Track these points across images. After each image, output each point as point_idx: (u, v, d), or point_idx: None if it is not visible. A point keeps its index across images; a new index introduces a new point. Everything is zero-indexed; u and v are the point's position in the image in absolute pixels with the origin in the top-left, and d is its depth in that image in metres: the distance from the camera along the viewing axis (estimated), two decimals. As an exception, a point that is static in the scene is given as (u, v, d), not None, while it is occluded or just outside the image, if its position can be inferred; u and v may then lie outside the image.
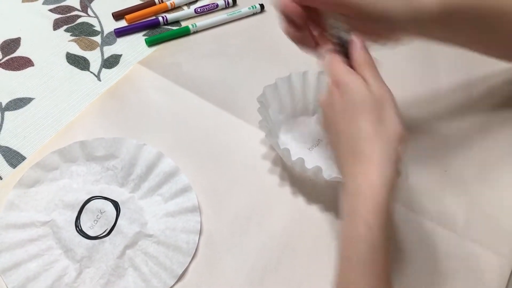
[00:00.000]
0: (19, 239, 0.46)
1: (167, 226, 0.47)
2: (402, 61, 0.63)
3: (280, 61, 0.63)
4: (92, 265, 0.45)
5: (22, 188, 0.49)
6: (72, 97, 0.58)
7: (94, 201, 0.48)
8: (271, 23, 0.67)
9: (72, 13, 0.68)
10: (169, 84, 0.59)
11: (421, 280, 0.46)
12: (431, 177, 0.53)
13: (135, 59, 0.62)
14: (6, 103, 0.58)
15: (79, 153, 0.51)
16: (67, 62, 0.62)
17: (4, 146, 0.54)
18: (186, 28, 0.65)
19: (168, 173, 0.50)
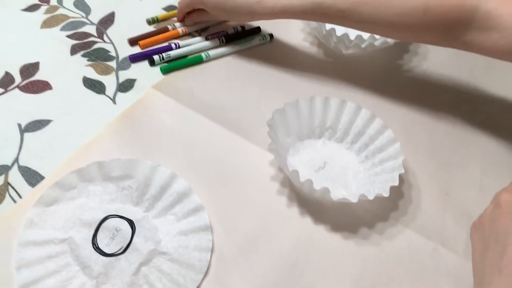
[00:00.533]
0: (38, 255, 0.48)
1: (180, 244, 0.49)
2: (404, 88, 0.66)
3: (288, 87, 0.65)
4: (108, 281, 0.46)
5: (41, 206, 0.51)
6: (89, 119, 0.61)
7: (110, 219, 0.50)
8: (280, 52, 0.71)
9: (88, 39, 0.71)
10: (181, 108, 0.62)
11: (425, 299, 0.47)
12: (433, 200, 0.55)
13: (149, 83, 0.65)
14: (25, 124, 0.60)
15: (96, 173, 0.53)
16: (84, 86, 0.65)
17: (23, 166, 0.56)
18: (199, 57, 0.68)
19: (181, 193, 0.52)
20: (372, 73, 0.68)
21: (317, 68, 0.68)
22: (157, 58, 0.67)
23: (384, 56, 0.69)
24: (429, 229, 0.52)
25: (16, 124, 0.60)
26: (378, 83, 0.66)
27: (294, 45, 0.71)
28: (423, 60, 0.70)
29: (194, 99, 0.63)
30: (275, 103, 0.58)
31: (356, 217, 0.53)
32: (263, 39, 0.71)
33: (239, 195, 0.54)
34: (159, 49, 0.69)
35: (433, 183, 0.56)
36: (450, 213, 0.54)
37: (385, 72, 0.68)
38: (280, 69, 0.68)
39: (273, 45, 0.71)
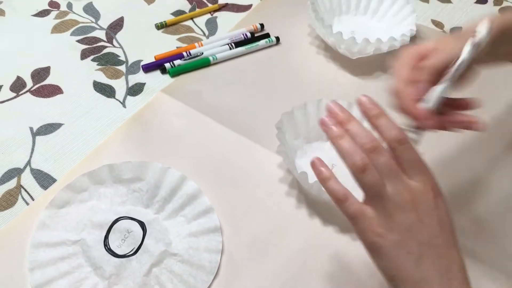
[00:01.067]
0: (50, 257, 0.48)
1: (190, 246, 0.50)
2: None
3: (295, 90, 0.66)
4: (120, 282, 0.47)
5: (53, 208, 0.52)
6: (99, 122, 0.62)
7: (122, 221, 0.51)
8: (286, 55, 0.71)
9: (98, 44, 0.72)
10: (190, 111, 0.63)
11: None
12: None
13: (158, 87, 0.66)
14: (37, 128, 0.61)
15: (107, 176, 0.54)
16: (94, 90, 0.66)
17: (35, 169, 0.57)
18: (206, 60, 0.69)
19: (191, 195, 0.53)
20: (379, 77, 0.68)
21: (325, 71, 0.69)
22: (168, 66, 0.68)
23: (391, 60, 0.70)
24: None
25: (28, 128, 0.61)
26: (386, 86, 0.67)
27: (301, 48, 0.72)
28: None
29: (202, 102, 0.64)
30: (283, 106, 0.59)
31: (364, 219, 0.53)
32: (269, 41, 0.71)
33: (248, 197, 0.55)
34: (171, 58, 0.69)
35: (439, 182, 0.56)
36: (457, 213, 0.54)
37: (392, 75, 0.68)
38: (288, 72, 0.68)
39: (280, 48, 0.72)
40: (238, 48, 0.70)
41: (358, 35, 0.70)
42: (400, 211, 0.35)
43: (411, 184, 0.35)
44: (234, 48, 0.70)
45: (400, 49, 0.66)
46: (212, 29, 0.75)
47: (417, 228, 0.35)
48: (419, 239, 0.34)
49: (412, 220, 0.35)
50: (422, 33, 0.74)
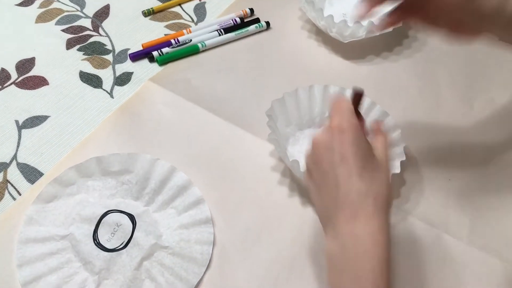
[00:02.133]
0: (39, 253, 0.48)
1: (181, 238, 0.49)
2: (405, 74, 0.65)
3: (286, 75, 0.65)
4: (110, 277, 0.46)
5: (40, 203, 0.51)
6: (87, 114, 0.60)
7: (111, 214, 0.50)
8: (277, 40, 0.70)
9: (84, 33, 0.70)
10: (179, 100, 0.61)
11: (428, 286, 0.47)
12: (436, 186, 0.54)
13: (146, 76, 0.64)
14: (22, 121, 0.60)
15: (95, 169, 0.53)
16: (81, 80, 0.64)
17: (22, 163, 0.56)
18: (195, 47, 0.67)
19: (181, 186, 0.52)
20: (372, 60, 0.67)
21: (316, 56, 0.67)
22: (156, 54, 0.66)
23: (383, 42, 0.68)
24: (432, 216, 0.52)
25: (14, 121, 0.60)
26: (378, 70, 0.66)
27: (292, 33, 0.70)
28: (423, 45, 0.69)
29: (192, 91, 0.62)
30: (274, 93, 0.57)
31: (358, 206, 0.53)
32: (259, 26, 0.70)
33: (240, 186, 0.54)
34: (159, 46, 0.67)
35: (436, 169, 0.55)
36: (452, 199, 0.53)
37: (385, 58, 0.67)
38: (279, 57, 0.67)
39: (271, 33, 0.70)
40: (227, 34, 0.69)
41: (350, 18, 0.68)
42: (313, 148, 0.40)
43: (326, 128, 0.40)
44: (224, 34, 0.69)
45: (392, 31, 0.65)
46: (201, 15, 0.74)
47: (319, 159, 0.39)
48: (321, 169, 0.39)
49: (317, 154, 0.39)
50: (415, 15, 0.73)
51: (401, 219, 0.52)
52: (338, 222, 0.38)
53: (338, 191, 0.38)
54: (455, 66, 0.66)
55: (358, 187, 0.37)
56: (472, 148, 0.58)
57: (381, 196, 0.38)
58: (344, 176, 0.38)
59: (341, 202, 0.38)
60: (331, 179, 0.38)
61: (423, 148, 0.57)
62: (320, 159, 0.39)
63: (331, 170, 0.38)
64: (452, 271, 0.48)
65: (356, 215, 0.37)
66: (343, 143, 0.38)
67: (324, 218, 0.40)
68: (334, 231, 0.38)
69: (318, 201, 0.40)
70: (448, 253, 0.49)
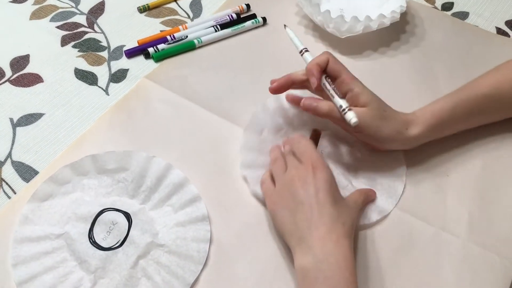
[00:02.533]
0: (34, 252, 0.47)
1: (178, 236, 0.49)
2: (403, 69, 0.65)
3: (283, 71, 0.64)
4: (106, 275, 0.46)
5: (35, 202, 0.50)
6: (82, 111, 0.60)
7: (106, 213, 0.50)
8: (273, 35, 0.69)
9: (79, 30, 0.70)
10: (175, 97, 0.61)
11: (425, 284, 0.47)
12: (433, 182, 0.54)
13: (141, 73, 0.64)
14: (17, 119, 0.59)
15: (90, 167, 0.53)
16: (76, 77, 0.64)
17: (17, 161, 0.55)
18: (191, 43, 0.66)
19: (177, 184, 0.52)
20: (369, 55, 0.66)
21: (313, 52, 0.67)
22: (152, 50, 0.66)
23: (381, 38, 0.68)
24: (429, 213, 0.51)
25: (8, 119, 0.59)
26: (376, 65, 0.65)
27: (289, 29, 0.70)
28: (421, 40, 0.68)
29: (188, 88, 0.62)
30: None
31: (355, 203, 0.52)
32: (255, 22, 0.69)
33: (236, 184, 0.53)
34: (154, 42, 0.67)
35: (433, 165, 0.55)
36: (451, 195, 0.53)
37: (382, 54, 0.67)
38: (275, 53, 0.66)
39: (267, 29, 0.70)
40: (224, 30, 0.68)
41: (347, 13, 0.68)
42: (288, 183, 0.47)
43: (298, 165, 0.48)
44: (220, 30, 0.68)
45: (389, 26, 0.65)
46: (197, 11, 0.73)
47: (296, 192, 0.46)
48: (297, 199, 0.45)
49: (295, 187, 0.46)
50: (412, 10, 0.72)
51: (397, 217, 0.51)
52: (312, 240, 0.43)
53: (313, 215, 0.44)
54: (453, 61, 0.66)
55: (331, 213, 0.44)
56: (470, 143, 0.57)
57: (348, 224, 0.44)
58: (319, 204, 0.44)
59: (315, 223, 0.43)
60: (306, 206, 0.44)
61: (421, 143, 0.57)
62: (297, 191, 0.45)
63: (306, 200, 0.45)
64: (450, 268, 0.48)
65: (329, 232, 0.43)
66: (318, 179, 0.45)
67: (295, 238, 0.44)
68: (306, 247, 0.43)
69: (290, 223, 0.45)
70: (446, 250, 0.49)
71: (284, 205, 0.46)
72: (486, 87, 0.53)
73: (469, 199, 0.52)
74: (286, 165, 0.49)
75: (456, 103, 0.53)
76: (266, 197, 0.49)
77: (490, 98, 0.53)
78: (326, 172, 0.46)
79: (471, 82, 0.55)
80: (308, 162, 0.47)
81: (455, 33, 0.69)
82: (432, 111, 0.53)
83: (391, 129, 0.50)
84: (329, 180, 0.46)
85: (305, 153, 0.48)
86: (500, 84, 0.54)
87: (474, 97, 0.53)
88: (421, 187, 0.53)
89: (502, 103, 0.54)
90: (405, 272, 0.48)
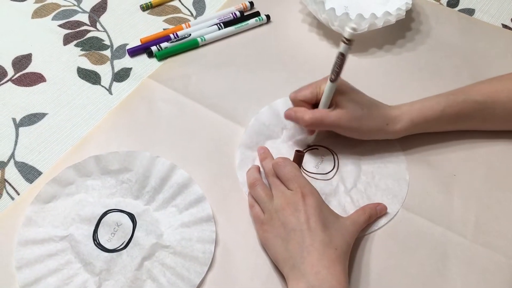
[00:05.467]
0: (38, 254, 0.47)
1: (182, 237, 0.48)
2: (407, 66, 0.64)
3: (287, 70, 0.64)
4: (111, 278, 0.46)
5: (39, 204, 0.50)
6: (85, 111, 0.59)
7: (111, 214, 0.49)
8: (277, 33, 0.68)
9: (81, 28, 0.69)
10: (179, 97, 0.60)
11: (432, 284, 0.47)
12: (440, 181, 0.53)
13: (145, 71, 0.63)
14: (20, 119, 0.59)
15: (94, 168, 0.52)
16: (79, 76, 0.63)
17: (20, 162, 0.55)
18: (195, 41, 0.66)
19: (181, 184, 0.51)
20: (374, 53, 0.66)
21: (318, 50, 0.66)
22: (155, 49, 0.65)
23: (386, 35, 0.67)
24: (436, 213, 0.51)
25: (11, 119, 0.59)
26: (380, 63, 0.65)
27: (292, 27, 0.69)
28: (426, 37, 0.67)
29: (191, 88, 0.61)
30: (274, 88, 0.56)
31: (361, 203, 0.52)
32: (259, 20, 0.68)
33: (241, 184, 0.53)
34: (157, 41, 0.66)
35: (440, 164, 0.55)
36: (457, 195, 0.52)
37: (387, 51, 0.66)
38: (280, 52, 0.66)
39: (271, 27, 0.69)
40: (227, 28, 0.67)
41: (352, 11, 0.67)
42: (278, 211, 0.46)
43: (286, 191, 0.47)
44: (223, 28, 0.67)
45: (395, 24, 0.64)
46: (200, 9, 0.72)
47: (287, 220, 0.45)
48: (288, 227, 0.45)
49: (285, 215, 0.45)
50: (418, 7, 0.71)
51: (404, 216, 0.51)
52: (304, 266, 0.43)
53: (304, 241, 0.44)
54: (459, 59, 0.65)
55: (322, 238, 0.44)
56: (478, 142, 0.57)
57: (340, 248, 0.44)
58: (310, 230, 0.44)
59: (306, 250, 0.43)
60: (298, 233, 0.44)
61: (427, 142, 0.56)
62: (288, 219, 0.45)
63: (297, 226, 0.44)
64: (456, 269, 0.47)
65: (321, 258, 0.43)
66: (308, 206, 0.45)
67: (288, 266, 0.44)
68: (300, 274, 0.43)
69: (282, 252, 0.45)
70: (452, 250, 0.49)
71: (276, 234, 0.46)
72: (481, 94, 0.53)
73: (475, 199, 0.52)
74: (269, 190, 0.49)
75: (447, 105, 0.53)
76: (256, 224, 0.49)
77: (483, 105, 0.53)
78: (316, 197, 0.46)
79: (468, 86, 0.55)
80: (297, 188, 0.47)
81: (462, 29, 0.68)
82: (420, 109, 0.53)
83: (372, 126, 0.52)
84: (319, 205, 0.46)
85: (293, 179, 0.48)
86: (497, 94, 0.53)
87: (467, 102, 0.53)
88: (428, 186, 0.53)
89: (494, 113, 0.54)
90: (412, 272, 0.47)
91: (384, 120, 0.52)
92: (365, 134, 0.53)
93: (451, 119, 0.53)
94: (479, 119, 0.55)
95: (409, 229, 0.50)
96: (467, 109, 0.53)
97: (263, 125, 0.57)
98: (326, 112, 0.51)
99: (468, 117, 0.54)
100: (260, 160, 0.53)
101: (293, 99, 0.53)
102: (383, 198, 0.51)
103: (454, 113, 0.53)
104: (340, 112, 0.51)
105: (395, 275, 0.47)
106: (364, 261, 0.48)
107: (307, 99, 0.52)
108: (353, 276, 0.47)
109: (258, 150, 0.54)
